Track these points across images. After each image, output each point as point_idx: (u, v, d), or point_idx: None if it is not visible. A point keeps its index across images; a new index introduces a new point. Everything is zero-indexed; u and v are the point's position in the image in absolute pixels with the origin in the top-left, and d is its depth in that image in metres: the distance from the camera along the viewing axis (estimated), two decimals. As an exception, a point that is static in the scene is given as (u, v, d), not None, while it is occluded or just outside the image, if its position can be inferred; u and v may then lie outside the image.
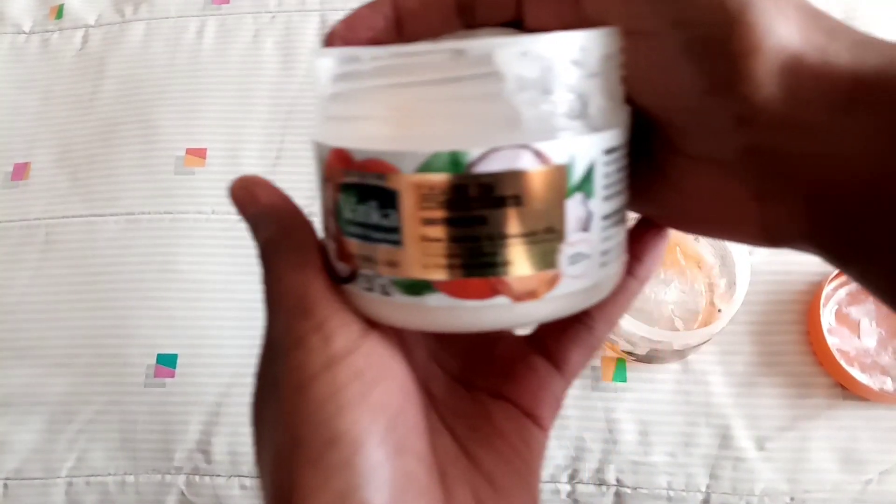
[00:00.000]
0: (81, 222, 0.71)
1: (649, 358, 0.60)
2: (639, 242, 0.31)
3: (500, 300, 0.24)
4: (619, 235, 0.27)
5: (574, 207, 0.24)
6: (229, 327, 0.66)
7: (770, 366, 0.62)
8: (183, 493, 0.62)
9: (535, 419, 0.31)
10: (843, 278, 0.62)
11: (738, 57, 0.23)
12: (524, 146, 0.23)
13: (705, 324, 0.61)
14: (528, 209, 0.23)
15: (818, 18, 0.23)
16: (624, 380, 0.62)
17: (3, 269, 0.70)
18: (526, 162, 0.23)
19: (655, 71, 0.25)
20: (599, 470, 0.60)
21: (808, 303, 0.62)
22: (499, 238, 0.23)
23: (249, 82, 0.75)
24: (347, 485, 0.24)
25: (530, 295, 0.24)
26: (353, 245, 0.25)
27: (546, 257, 0.24)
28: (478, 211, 0.23)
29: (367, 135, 0.24)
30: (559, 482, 0.60)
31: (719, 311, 0.60)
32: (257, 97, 0.75)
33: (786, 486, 0.58)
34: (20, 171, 0.74)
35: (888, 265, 0.23)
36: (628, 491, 0.59)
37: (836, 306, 0.62)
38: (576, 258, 0.24)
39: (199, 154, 0.72)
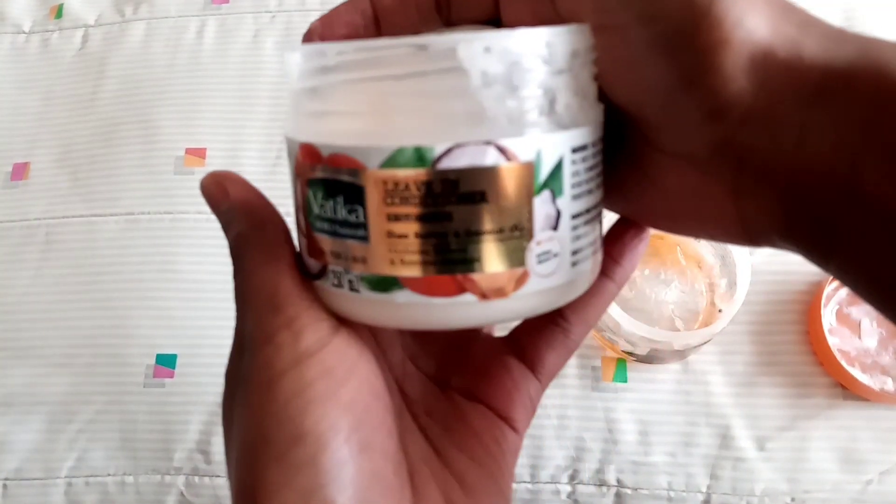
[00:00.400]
0: (81, 222, 0.71)
1: (650, 358, 0.60)
2: (617, 243, 0.30)
3: (468, 298, 0.24)
4: (592, 234, 0.26)
5: (542, 205, 0.24)
6: (229, 327, 0.64)
7: (770, 366, 0.61)
8: (182, 494, 0.62)
9: (508, 421, 0.31)
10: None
11: (707, 50, 0.22)
12: (489, 142, 0.23)
13: (706, 324, 0.61)
14: (495, 206, 0.23)
15: (789, 12, 0.23)
16: (624, 380, 0.62)
17: (3, 269, 0.70)
18: (491, 158, 0.23)
19: (626, 66, 0.25)
20: (600, 470, 0.59)
21: (809, 303, 0.62)
22: (465, 235, 0.23)
23: (249, 82, 0.75)
24: (312, 483, 0.24)
25: (498, 293, 0.24)
26: (323, 241, 0.25)
27: (514, 255, 0.24)
28: (443, 207, 0.23)
29: (335, 130, 0.24)
30: (559, 483, 0.60)
31: (720, 311, 0.59)
32: (257, 97, 0.74)
33: (786, 486, 0.58)
34: (20, 171, 0.74)
35: (865, 259, 0.23)
36: (628, 491, 0.59)
37: (837, 306, 0.61)
38: (544, 256, 0.24)
39: (199, 154, 0.72)
